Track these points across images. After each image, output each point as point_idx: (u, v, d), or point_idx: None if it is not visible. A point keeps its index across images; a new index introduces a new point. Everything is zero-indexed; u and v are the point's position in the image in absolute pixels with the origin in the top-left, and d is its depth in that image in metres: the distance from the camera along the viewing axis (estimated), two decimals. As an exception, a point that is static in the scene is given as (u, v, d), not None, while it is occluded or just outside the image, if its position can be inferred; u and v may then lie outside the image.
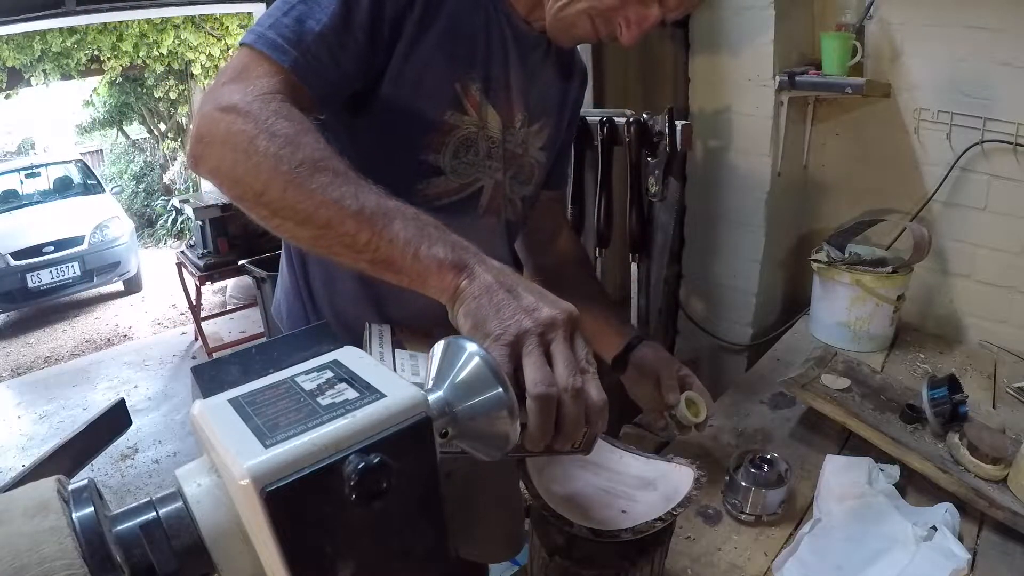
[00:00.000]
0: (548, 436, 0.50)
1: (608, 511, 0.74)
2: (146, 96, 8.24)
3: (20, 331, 5.16)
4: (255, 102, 0.59)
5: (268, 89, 0.61)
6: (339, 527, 0.32)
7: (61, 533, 0.29)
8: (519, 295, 0.52)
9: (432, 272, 0.53)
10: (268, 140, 0.56)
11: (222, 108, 0.59)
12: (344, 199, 0.55)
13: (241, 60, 0.65)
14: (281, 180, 0.56)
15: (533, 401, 0.48)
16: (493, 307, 0.51)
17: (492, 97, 0.81)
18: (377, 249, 0.55)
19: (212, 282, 3.80)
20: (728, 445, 1.11)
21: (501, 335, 0.50)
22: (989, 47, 1.37)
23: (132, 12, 3.33)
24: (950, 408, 1.03)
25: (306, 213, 0.56)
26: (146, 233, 8.13)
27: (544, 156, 0.94)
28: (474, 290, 0.52)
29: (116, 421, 1.49)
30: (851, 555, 0.81)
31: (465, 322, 0.52)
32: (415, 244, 0.54)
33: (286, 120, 0.58)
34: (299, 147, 0.57)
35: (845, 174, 1.70)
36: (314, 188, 0.55)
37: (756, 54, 1.55)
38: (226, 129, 0.58)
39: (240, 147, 0.57)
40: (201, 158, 0.61)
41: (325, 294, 0.88)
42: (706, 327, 1.84)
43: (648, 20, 0.77)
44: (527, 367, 0.49)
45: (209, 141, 0.60)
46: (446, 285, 0.53)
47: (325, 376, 0.38)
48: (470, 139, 0.81)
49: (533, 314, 0.51)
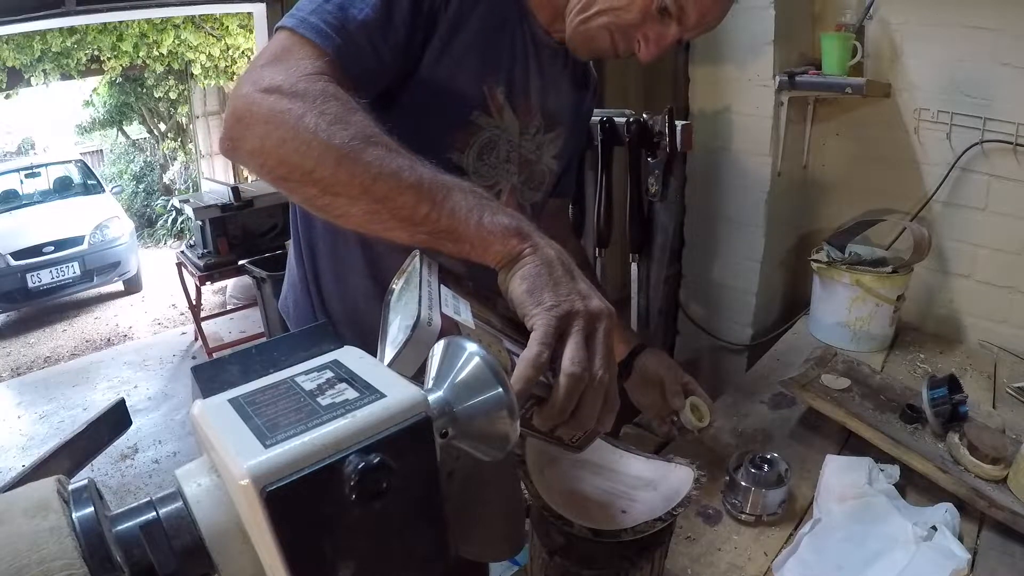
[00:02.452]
0: (564, 417, 0.51)
1: (608, 511, 0.75)
2: (146, 96, 8.25)
3: (20, 331, 5.16)
4: (300, 82, 0.58)
5: (313, 70, 0.60)
6: (339, 527, 0.32)
7: (61, 533, 0.29)
8: (575, 279, 0.55)
9: (497, 237, 0.55)
10: (318, 117, 0.56)
11: (265, 89, 0.58)
12: (401, 172, 0.55)
13: (281, 43, 0.64)
14: (334, 156, 0.55)
15: (566, 378, 0.50)
16: (552, 280, 0.53)
17: (513, 101, 0.82)
18: (438, 220, 0.55)
19: (212, 282, 3.79)
20: (728, 445, 1.11)
21: (555, 307, 0.52)
22: (989, 47, 1.37)
23: (132, 12, 3.33)
24: (950, 408, 1.03)
25: (361, 187, 0.55)
26: (146, 233, 8.13)
27: (557, 164, 0.95)
28: (536, 259, 0.54)
29: (116, 421, 1.49)
30: (851, 555, 0.81)
31: (520, 284, 0.54)
32: (477, 213, 0.55)
33: (334, 99, 0.58)
34: (350, 124, 0.56)
35: (845, 174, 1.70)
36: (369, 162, 0.55)
37: (756, 54, 1.55)
38: (270, 108, 0.57)
39: (288, 125, 0.56)
40: (241, 139, 0.59)
41: (336, 289, 0.89)
42: (706, 327, 1.84)
43: (666, 39, 0.78)
44: (570, 345, 0.51)
45: (250, 122, 0.58)
46: (509, 249, 0.55)
47: (325, 376, 0.38)
48: (493, 141, 0.82)
49: (586, 300, 0.53)
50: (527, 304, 0.53)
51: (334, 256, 0.87)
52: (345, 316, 0.89)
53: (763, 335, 1.76)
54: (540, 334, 0.50)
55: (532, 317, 0.52)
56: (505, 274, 0.55)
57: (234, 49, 6.65)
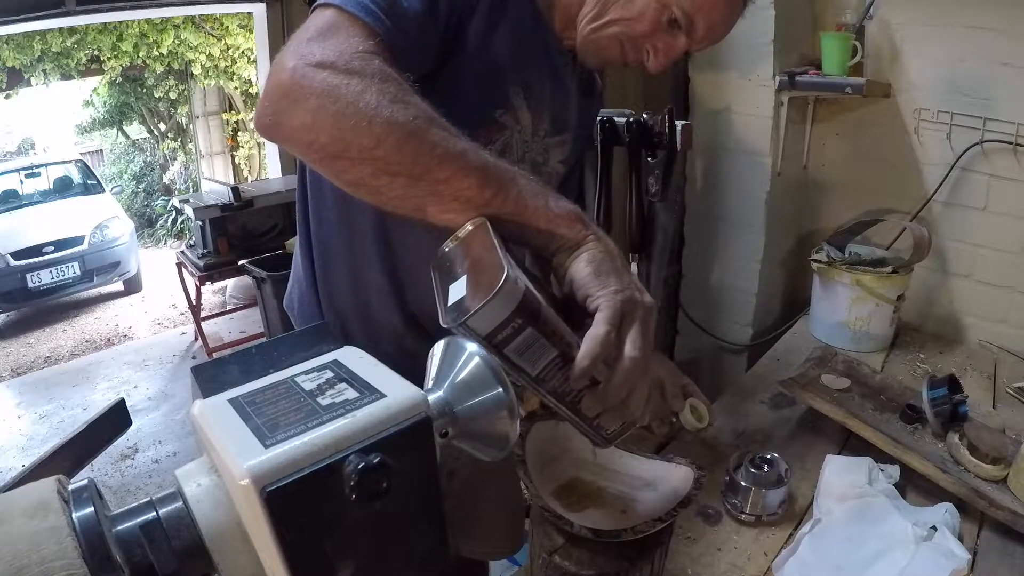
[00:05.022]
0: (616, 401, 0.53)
1: (608, 511, 0.75)
2: (146, 96, 8.24)
3: (20, 331, 5.16)
4: (354, 60, 0.56)
5: (365, 48, 0.58)
6: (339, 527, 0.32)
7: (61, 533, 0.29)
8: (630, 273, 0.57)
9: (564, 222, 0.57)
10: (379, 95, 0.54)
11: (316, 64, 0.55)
12: (467, 154, 0.55)
13: (327, 20, 0.61)
14: (398, 133, 0.53)
15: (629, 361, 0.52)
16: (616, 269, 0.56)
17: (529, 103, 0.83)
18: (503, 204, 0.56)
19: (212, 282, 3.79)
20: (728, 445, 1.11)
21: (620, 291, 0.54)
22: (989, 47, 1.37)
23: (132, 12, 3.33)
24: (950, 408, 1.03)
25: (425, 167, 0.54)
26: (146, 233, 8.13)
27: (563, 169, 0.96)
28: (601, 246, 0.57)
29: (116, 421, 1.49)
30: (851, 555, 0.81)
31: (586, 267, 0.55)
32: (543, 199, 0.57)
33: (392, 80, 0.56)
34: (409, 104, 0.55)
35: (845, 174, 1.70)
36: (435, 142, 0.54)
37: (756, 54, 1.55)
38: (325, 82, 0.54)
39: (346, 100, 0.54)
40: (288, 114, 0.56)
41: (348, 286, 0.89)
42: (706, 327, 1.84)
43: (675, 49, 0.79)
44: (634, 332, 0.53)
45: (299, 96, 0.55)
46: (576, 234, 0.57)
47: (325, 376, 0.38)
48: (510, 141, 0.83)
49: (644, 296, 0.55)
50: (592, 285, 0.54)
51: (348, 251, 0.87)
52: (356, 312, 0.89)
53: (763, 335, 1.76)
54: (608, 314, 0.52)
55: (598, 298, 0.53)
56: (566, 256, 0.57)
57: (234, 49, 6.63)
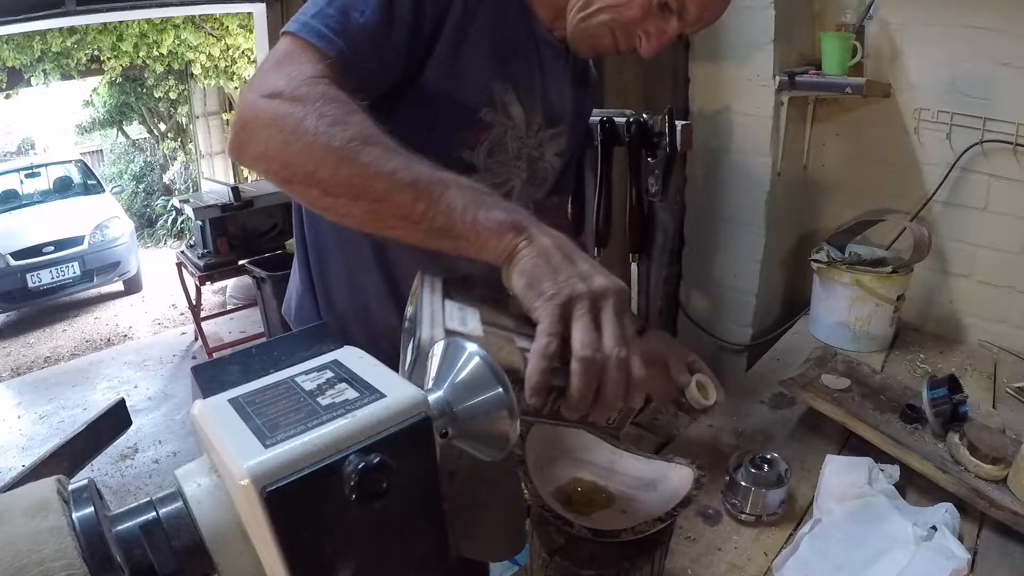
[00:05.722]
0: (587, 402, 0.51)
1: (608, 511, 0.75)
2: (146, 96, 8.24)
3: (20, 331, 5.16)
4: (301, 86, 0.60)
5: (314, 73, 0.61)
6: (339, 527, 0.32)
7: (61, 533, 0.29)
8: (575, 261, 0.54)
9: (492, 234, 0.55)
10: (317, 120, 0.57)
11: (267, 94, 0.60)
12: (398, 171, 0.56)
13: (284, 48, 0.65)
14: (334, 157, 0.56)
15: (578, 363, 0.49)
16: (550, 269, 0.53)
17: (519, 98, 0.82)
18: (435, 218, 0.55)
19: (212, 282, 3.79)
20: (728, 445, 1.11)
21: (555, 295, 0.51)
22: (989, 47, 1.37)
23: (132, 12, 3.33)
24: (950, 408, 1.03)
25: (360, 188, 0.56)
26: (146, 233, 8.13)
27: (559, 162, 0.96)
28: (532, 251, 0.54)
29: (116, 421, 1.49)
30: (851, 555, 0.81)
31: (519, 280, 0.53)
32: (473, 209, 0.55)
33: (334, 102, 0.59)
34: (349, 125, 0.57)
35: (845, 174, 1.70)
36: (367, 162, 0.56)
37: (756, 54, 1.55)
38: (272, 113, 0.59)
39: (288, 128, 0.57)
40: (246, 144, 0.61)
41: (346, 288, 0.88)
42: (706, 327, 1.84)
43: (667, 33, 0.78)
44: (576, 329, 0.50)
45: (254, 127, 0.60)
46: (505, 246, 0.55)
47: (325, 376, 0.38)
48: (502, 138, 0.82)
49: (588, 281, 0.52)
50: (529, 298, 0.53)
51: (343, 254, 0.87)
52: (355, 315, 0.89)
53: (763, 335, 1.76)
54: (545, 324, 0.50)
55: (536, 310, 0.52)
56: (507, 270, 0.55)
57: (234, 49, 6.63)
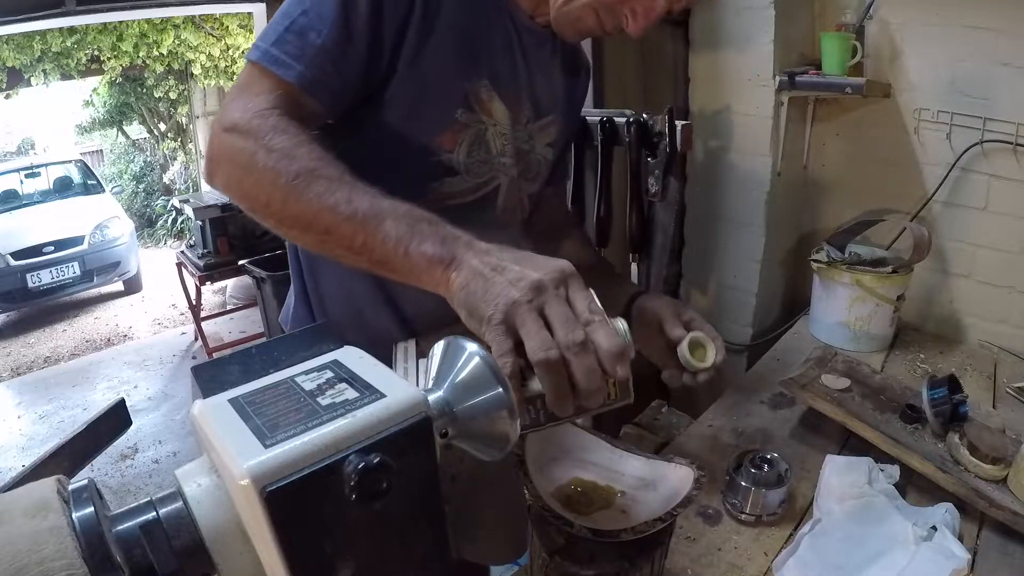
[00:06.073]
0: (567, 398, 0.50)
1: (608, 511, 0.75)
2: (146, 96, 8.24)
3: (20, 331, 5.16)
4: (254, 119, 0.63)
5: (267, 105, 0.64)
6: (339, 527, 0.32)
7: (61, 533, 0.29)
8: (505, 270, 0.52)
9: (423, 269, 0.55)
10: (266, 155, 0.60)
11: (226, 128, 0.63)
12: (338, 205, 0.57)
13: (245, 77, 0.68)
14: (281, 192, 0.59)
15: (538, 368, 0.48)
16: (482, 290, 0.51)
17: (500, 93, 0.81)
18: (373, 250, 0.56)
19: (212, 282, 3.80)
20: (728, 445, 1.11)
21: (492, 315, 0.50)
22: (989, 47, 1.36)
23: (132, 12, 3.33)
24: (950, 408, 1.03)
25: (307, 221, 0.59)
26: (146, 233, 8.13)
27: (551, 153, 0.94)
28: (462, 280, 0.52)
29: (116, 421, 1.49)
30: (851, 555, 0.81)
31: (461, 312, 0.53)
32: (405, 242, 0.55)
33: (283, 134, 0.61)
34: (295, 159, 0.59)
35: (845, 174, 1.70)
36: (311, 197, 0.58)
37: (756, 54, 1.55)
38: (230, 147, 0.63)
39: (242, 164, 0.61)
40: (214, 175, 0.66)
41: (340, 296, 0.88)
42: (706, 327, 1.84)
43: (654, 10, 0.76)
44: (524, 338, 0.49)
45: (218, 160, 0.64)
46: (438, 280, 0.54)
47: (325, 376, 0.38)
48: (481, 137, 0.81)
49: (519, 284, 0.50)
50: (474, 328, 0.52)
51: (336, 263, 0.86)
52: (350, 321, 0.88)
53: (763, 335, 1.76)
54: (495, 348, 0.49)
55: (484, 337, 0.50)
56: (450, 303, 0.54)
57: (234, 49, 6.64)
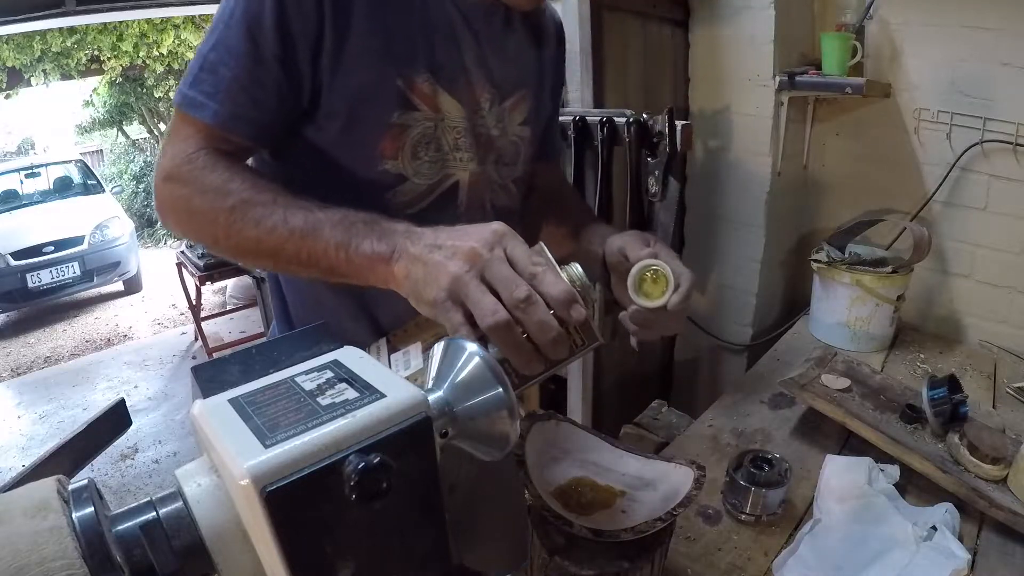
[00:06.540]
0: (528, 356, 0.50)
1: (608, 511, 0.75)
2: (146, 96, 8.24)
3: (20, 331, 5.16)
4: (183, 165, 0.64)
5: (193, 148, 0.65)
6: (339, 527, 0.32)
7: (61, 533, 0.29)
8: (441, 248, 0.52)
9: (368, 268, 0.56)
10: (201, 197, 0.62)
11: (162, 178, 0.66)
12: (276, 227, 0.59)
13: (173, 123, 0.70)
14: (223, 228, 0.61)
15: (489, 335, 0.49)
16: (423, 274, 0.52)
17: (446, 84, 0.74)
18: (319, 261, 0.58)
19: (212, 282, 3.80)
20: (728, 445, 1.11)
21: (437, 296, 0.50)
22: (989, 47, 1.37)
23: (132, 12, 3.32)
24: (950, 408, 1.03)
25: (253, 249, 0.61)
26: (146, 233, 8.13)
27: (528, 131, 0.87)
28: (404, 269, 0.53)
29: (116, 421, 1.49)
30: (851, 555, 0.81)
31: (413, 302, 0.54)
32: (344, 246, 0.56)
33: (212, 172, 0.63)
34: (229, 194, 0.61)
35: (845, 174, 1.70)
36: (250, 226, 0.60)
37: (756, 54, 1.55)
38: (169, 196, 0.65)
39: (183, 209, 0.64)
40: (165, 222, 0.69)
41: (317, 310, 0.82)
42: (706, 327, 1.84)
43: None
44: (472, 308, 0.49)
45: (162, 210, 0.67)
46: (384, 276, 0.55)
47: (325, 376, 0.38)
48: (427, 136, 0.74)
49: (454, 258, 0.51)
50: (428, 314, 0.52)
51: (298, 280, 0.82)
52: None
53: (763, 335, 1.76)
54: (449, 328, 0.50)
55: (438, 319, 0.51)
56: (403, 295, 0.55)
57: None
